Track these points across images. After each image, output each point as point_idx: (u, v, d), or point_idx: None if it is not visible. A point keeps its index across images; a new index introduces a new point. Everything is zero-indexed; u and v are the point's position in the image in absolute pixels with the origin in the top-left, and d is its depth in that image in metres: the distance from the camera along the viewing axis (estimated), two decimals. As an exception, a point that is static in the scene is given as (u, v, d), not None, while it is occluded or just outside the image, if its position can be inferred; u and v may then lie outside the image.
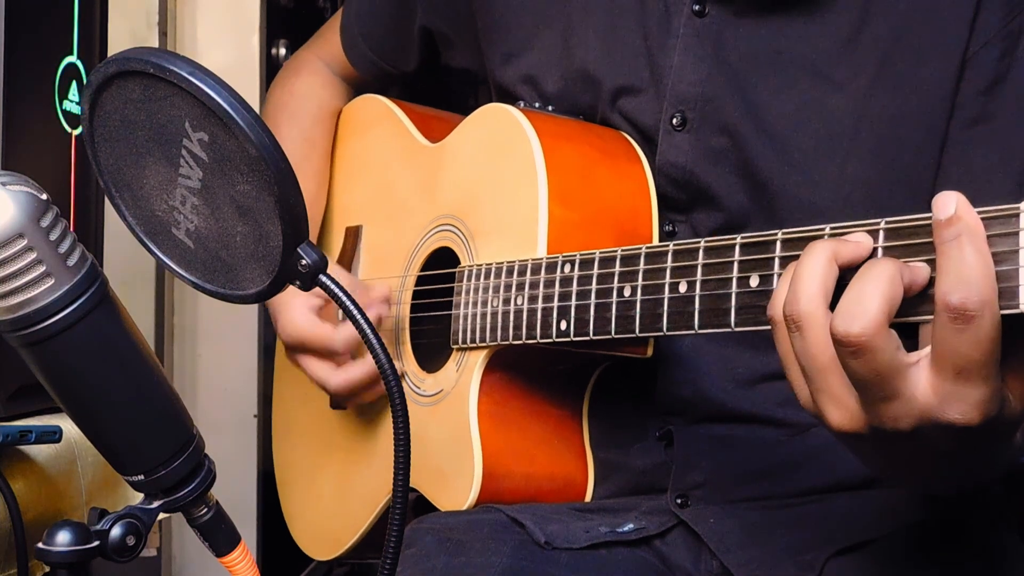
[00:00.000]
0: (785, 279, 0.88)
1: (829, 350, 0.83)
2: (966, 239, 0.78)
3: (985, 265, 0.78)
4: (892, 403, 0.83)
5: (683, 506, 1.30)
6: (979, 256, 0.78)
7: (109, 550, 0.81)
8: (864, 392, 0.83)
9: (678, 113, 1.30)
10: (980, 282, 0.78)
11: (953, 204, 0.79)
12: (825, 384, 0.85)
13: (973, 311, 0.77)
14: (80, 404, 0.80)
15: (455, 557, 1.23)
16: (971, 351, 0.78)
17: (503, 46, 1.44)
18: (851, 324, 0.80)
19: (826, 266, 0.85)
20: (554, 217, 1.26)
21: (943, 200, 0.80)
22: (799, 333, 0.85)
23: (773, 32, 1.28)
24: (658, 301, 1.07)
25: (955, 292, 0.78)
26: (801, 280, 0.85)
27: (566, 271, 1.19)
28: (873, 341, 0.80)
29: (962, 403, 0.80)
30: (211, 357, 2.07)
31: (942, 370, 0.80)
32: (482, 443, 1.29)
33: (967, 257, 0.78)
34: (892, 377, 0.81)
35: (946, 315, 0.78)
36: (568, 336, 1.18)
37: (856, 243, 0.86)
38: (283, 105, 1.68)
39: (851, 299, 0.82)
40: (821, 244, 0.86)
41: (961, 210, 0.79)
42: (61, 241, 0.76)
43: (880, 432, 0.85)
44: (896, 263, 0.83)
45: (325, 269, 0.79)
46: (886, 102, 1.26)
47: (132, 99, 0.77)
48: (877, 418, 0.84)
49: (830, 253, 0.85)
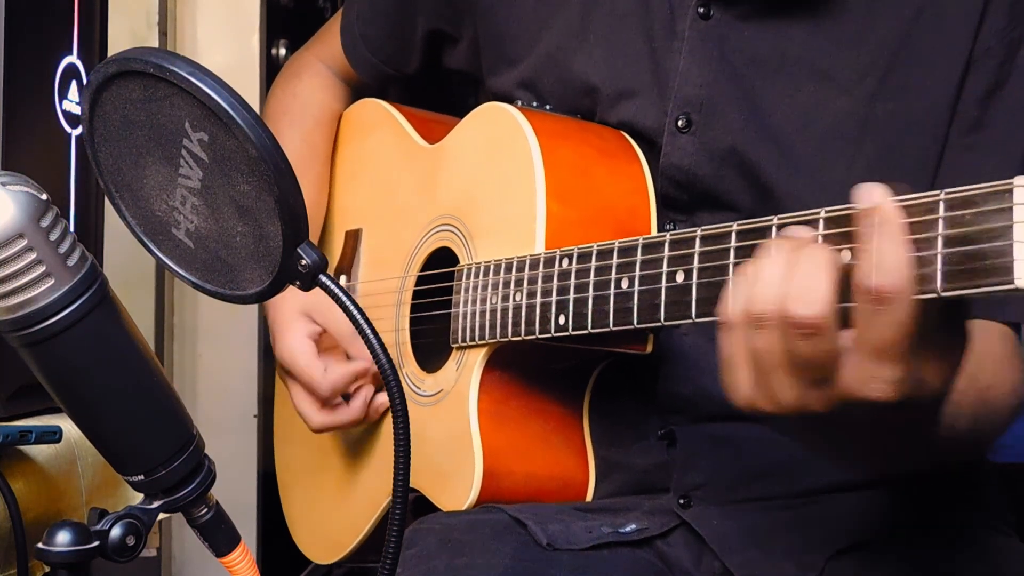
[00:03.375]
0: (746, 279, 0.90)
1: (783, 342, 0.87)
2: (884, 228, 0.83)
3: (902, 253, 0.82)
4: (824, 384, 0.87)
5: (685, 507, 1.30)
6: (896, 244, 0.82)
7: (109, 550, 0.81)
8: (803, 376, 0.87)
9: (683, 116, 1.30)
10: (897, 269, 0.82)
11: (874, 195, 0.84)
12: (774, 378, 0.88)
13: (890, 294, 0.82)
14: (80, 404, 0.80)
15: (456, 558, 1.23)
16: (889, 333, 0.83)
17: (505, 53, 1.44)
18: (809, 307, 0.84)
19: (786, 266, 0.88)
20: (552, 215, 1.26)
21: (865, 191, 0.84)
22: (760, 331, 0.88)
23: (778, 35, 1.28)
24: (655, 292, 1.07)
25: (873, 276, 0.82)
26: (766, 280, 0.88)
27: (564, 265, 1.19)
28: (828, 321, 0.84)
29: (880, 381, 0.85)
30: (211, 357, 2.06)
31: (862, 350, 0.85)
32: (482, 442, 1.29)
33: (884, 244, 0.82)
34: (833, 359, 0.86)
35: (865, 298, 0.83)
36: (567, 330, 1.18)
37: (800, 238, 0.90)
38: (284, 108, 1.68)
39: (802, 285, 0.85)
40: (776, 243, 0.90)
41: (880, 200, 0.84)
42: (61, 241, 0.76)
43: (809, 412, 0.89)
44: (832, 249, 0.87)
45: (325, 269, 0.79)
46: (891, 107, 1.26)
47: (132, 99, 0.77)
48: (809, 399, 0.88)
49: (788, 252, 0.88)
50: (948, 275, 0.81)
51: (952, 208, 0.82)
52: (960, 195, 0.82)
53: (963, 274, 0.81)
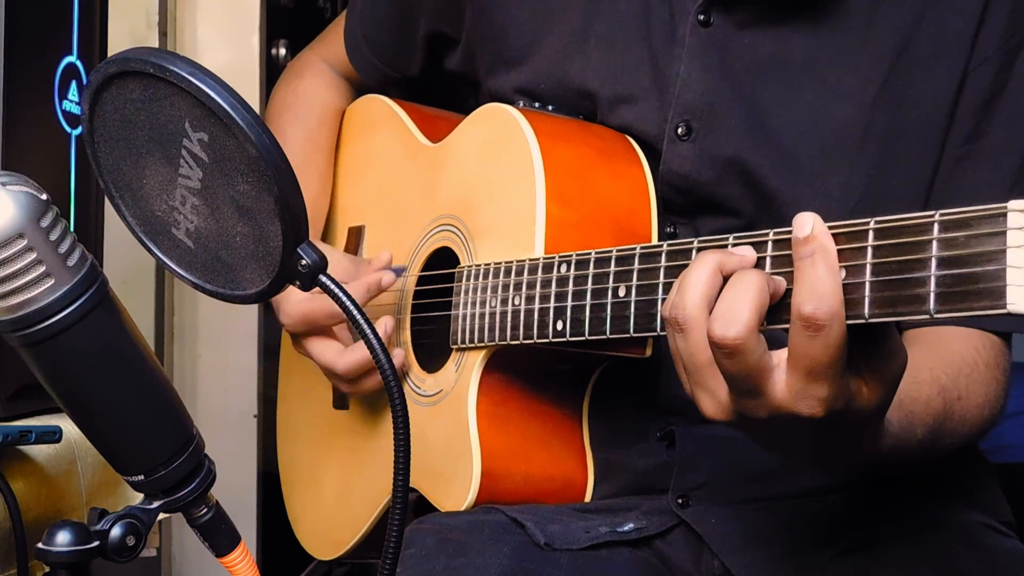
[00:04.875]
0: (676, 284, 0.95)
1: (707, 351, 0.92)
2: (819, 257, 0.87)
3: (835, 281, 0.86)
4: (755, 397, 0.91)
5: (684, 506, 1.30)
6: (830, 272, 0.86)
7: (109, 550, 0.81)
8: (733, 387, 0.92)
9: (683, 123, 1.30)
10: (830, 295, 0.86)
11: (810, 225, 0.88)
12: (701, 379, 0.94)
13: (823, 321, 0.86)
14: (80, 404, 0.80)
15: (455, 558, 1.23)
16: (820, 355, 0.87)
17: (502, 55, 1.44)
18: (727, 329, 0.89)
19: (710, 276, 0.92)
20: (552, 217, 1.26)
21: (801, 220, 0.88)
22: (682, 335, 0.93)
23: (778, 42, 1.28)
24: (652, 301, 1.07)
25: (808, 303, 0.86)
26: (687, 287, 0.93)
27: (562, 271, 1.19)
28: (747, 344, 0.88)
29: (810, 399, 0.90)
30: (211, 357, 2.06)
31: (795, 370, 0.89)
32: (481, 443, 1.29)
33: (819, 272, 0.86)
34: (758, 376, 0.90)
35: (800, 323, 0.87)
36: (564, 336, 1.18)
37: (741, 256, 0.94)
38: (287, 106, 1.68)
39: (726, 307, 0.90)
40: (709, 255, 0.94)
41: (816, 230, 0.87)
42: (61, 241, 0.76)
43: (744, 418, 0.94)
44: (763, 275, 0.91)
45: (325, 269, 0.79)
46: (890, 114, 1.26)
47: (132, 99, 0.77)
48: (741, 408, 0.93)
49: (716, 264, 0.93)
50: (940, 297, 0.82)
51: (947, 229, 0.82)
52: (954, 217, 0.82)
53: (955, 296, 0.81)
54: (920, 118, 1.26)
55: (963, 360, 1.20)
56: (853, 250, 0.87)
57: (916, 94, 1.26)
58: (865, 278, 0.86)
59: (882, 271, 0.85)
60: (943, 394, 1.15)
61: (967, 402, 1.18)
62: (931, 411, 1.12)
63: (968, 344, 1.22)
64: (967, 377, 1.19)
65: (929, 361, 1.15)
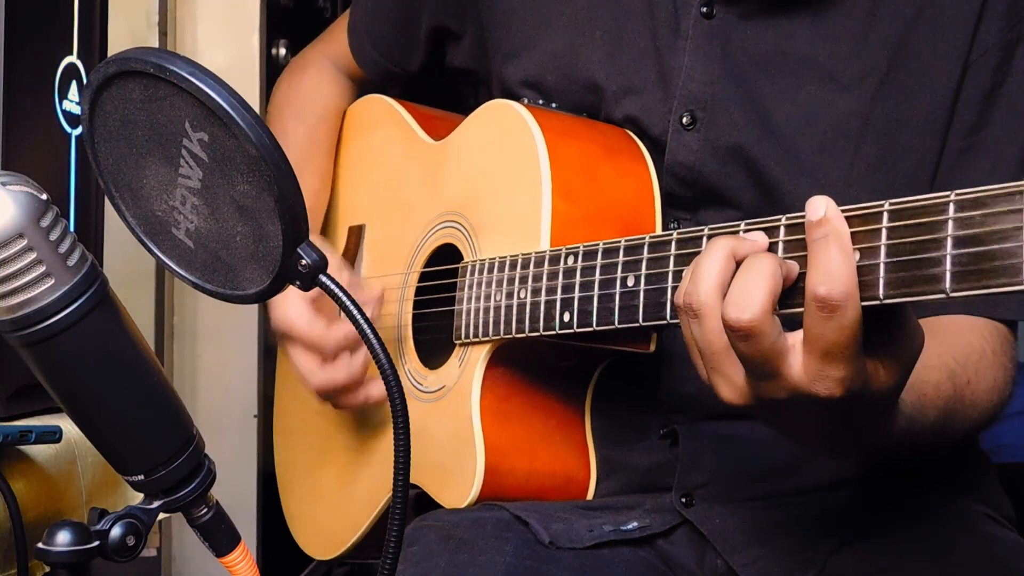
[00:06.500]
0: (689, 271, 0.95)
1: (723, 336, 0.93)
2: (832, 239, 0.87)
3: (848, 262, 0.87)
4: (772, 380, 0.92)
5: (687, 505, 1.30)
6: (843, 254, 0.87)
7: (109, 550, 0.81)
8: (750, 370, 0.93)
9: (688, 113, 1.30)
10: (844, 276, 0.87)
11: (823, 208, 0.88)
12: (718, 364, 0.95)
13: (837, 301, 0.87)
14: (80, 404, 0.80)
15: (458, 555, 1.23)
16: (836, 336, 0.88)
17: (505, 45, 1.44)
18: (742, 312, 0.89)
19: (724, 262, 0.93)
20: (557, 212, 1.26)
21: (814, 204, 0.89)
22: (697, 321, 0.94)
23: (780, 34, 1.29)
24: (662, 290, 1.07)
25: (822, 285, 0.87)
26: (701, 274, 0.93)
27: (569, 263, 1.19)
28: (762, 327, 0.89)
29: (827, 380, 0.90)
30: (211, 357, 2.06)
31: (811, 352, 0.90)
32: (484, 439, 1.29)
33: (833, 254, 0.87)
34: (774, 358, 0.91)
35: (815, 305, 0.88)
36: (571, 328, 1.18)
37: (753, 241, 0.95)
38: (288, 102, 1.69)
39: (740, 291, 0.91)
40: (721, 241, 0.94)
41: (829, 213, 0.88)
42: (61, 241, 0.76)
43: (761, 402, 0.95)
44: (776, 258, 0.92)
45: (325, 269, 0.79)
46: (891, 107, 1.27)
47: (132, 99, 0.77)
48: (759, 391, 0.94)
49: (729, 250, 0.93)
50: (957, 276, 0.83)
51: (962, 209, 0.83)
52: (971, 196, 0.83)
53: (972, 275, 0.82)
54: (922, 110, 1.26)
55: (971, 347, 1.21)
56: (867, 232, 0.88)
57: (917, 86, 1.26)
58: (880, 259, 0.87)
59: (897, 252, 0.86)
60: (953, 379, 1.15)
61: (976, 387, 1.19)
62: (942, 395, 1.13)
63: (975, 332, 1.23)
64: (976, 363, 1.20)
65: (938, 348, 1.15)
